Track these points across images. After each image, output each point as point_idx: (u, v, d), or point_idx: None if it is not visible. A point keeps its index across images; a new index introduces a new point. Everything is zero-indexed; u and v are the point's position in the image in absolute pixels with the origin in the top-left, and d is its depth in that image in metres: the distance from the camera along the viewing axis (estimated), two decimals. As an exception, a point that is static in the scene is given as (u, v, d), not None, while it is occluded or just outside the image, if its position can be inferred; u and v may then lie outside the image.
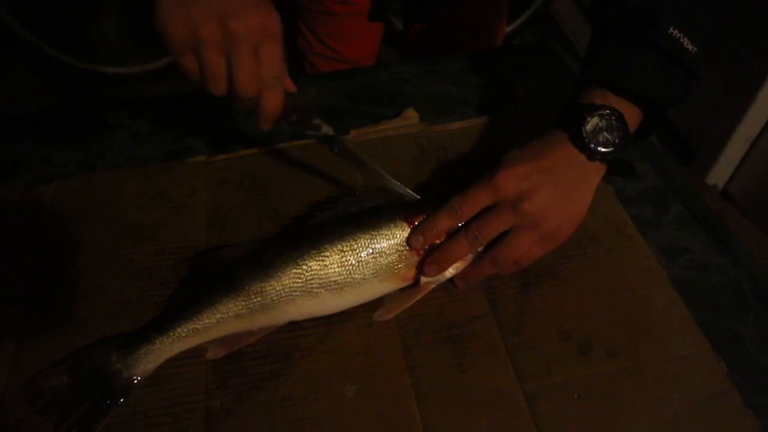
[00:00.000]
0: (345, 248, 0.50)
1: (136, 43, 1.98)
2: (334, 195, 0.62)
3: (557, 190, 0.49)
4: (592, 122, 0.50)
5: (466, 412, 0.47)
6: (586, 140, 0.50)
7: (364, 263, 0.50)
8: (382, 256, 0.51)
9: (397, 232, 0.51)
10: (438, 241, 0.51)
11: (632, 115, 0.52)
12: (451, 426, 0.46)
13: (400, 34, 1.16)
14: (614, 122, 0.50)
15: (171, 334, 0.48)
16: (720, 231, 0.60)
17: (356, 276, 0.50)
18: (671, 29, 0.50)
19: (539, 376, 0.49)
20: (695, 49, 0.50)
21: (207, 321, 0.48)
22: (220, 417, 0.46)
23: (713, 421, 0.46)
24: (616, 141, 0.50)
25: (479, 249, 0.51)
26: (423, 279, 0.52)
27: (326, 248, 0.50)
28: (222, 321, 0.48)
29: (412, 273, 0.52)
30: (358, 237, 0.50)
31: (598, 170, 0.52)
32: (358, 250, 0.50)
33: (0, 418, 0.46)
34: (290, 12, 1.02)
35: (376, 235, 0.51)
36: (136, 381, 0.47)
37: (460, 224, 0.50)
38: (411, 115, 0.72)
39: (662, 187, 0.65)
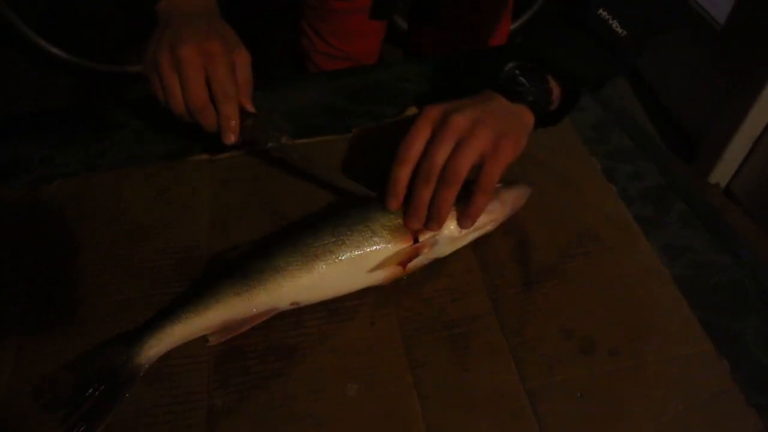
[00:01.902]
0: (338, 222, 0.53)
1: (138, 42, 1.98)
2: (335, 195, 0.62)
3: (484, 108, 0.52)
4: (508, 68, 0.54)
5: (467, 411, 0.47)
6: (501, 81, 0.54)
7: (357, 232, 0.52)
8: (374, 224, 0.52)
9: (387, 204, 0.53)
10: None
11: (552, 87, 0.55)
12: (452, 425, 0.46)
13: (404, 34, 1.17)
14: (528, 67, 0.54)
15: (172, 317, 0.49)
16: (722, 230, 0.60)
17: (350, 244, 0.51)
18: (600, 10, 0.53)
19: (541, 376, 0.49)
20: (625, 33, 0.53)
21: (207, 302, 0.50)
22: (222, 416, 0.46)
23: (715, 421, 0.46)
24: (532, 82, 0.53)
25: (436, 179, 0.51)
26: (420, 237, 0.53)
27: (319, 223, 0.53)
28: (221, 301, 0.50)
29: (408, 236, 0.53)
30: (349, 211, 0.54)
31: (524, 110, 0.54)
32: (349, 224, 0.52)
33: (2, 418, 0.46)
34: (293, 12, 1.03)
35: (368, 206, 0.54)
36: (141, 372, 0.47)
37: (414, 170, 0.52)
38: (414, 113, 0.72)
39: (664, 185, 0.65)
